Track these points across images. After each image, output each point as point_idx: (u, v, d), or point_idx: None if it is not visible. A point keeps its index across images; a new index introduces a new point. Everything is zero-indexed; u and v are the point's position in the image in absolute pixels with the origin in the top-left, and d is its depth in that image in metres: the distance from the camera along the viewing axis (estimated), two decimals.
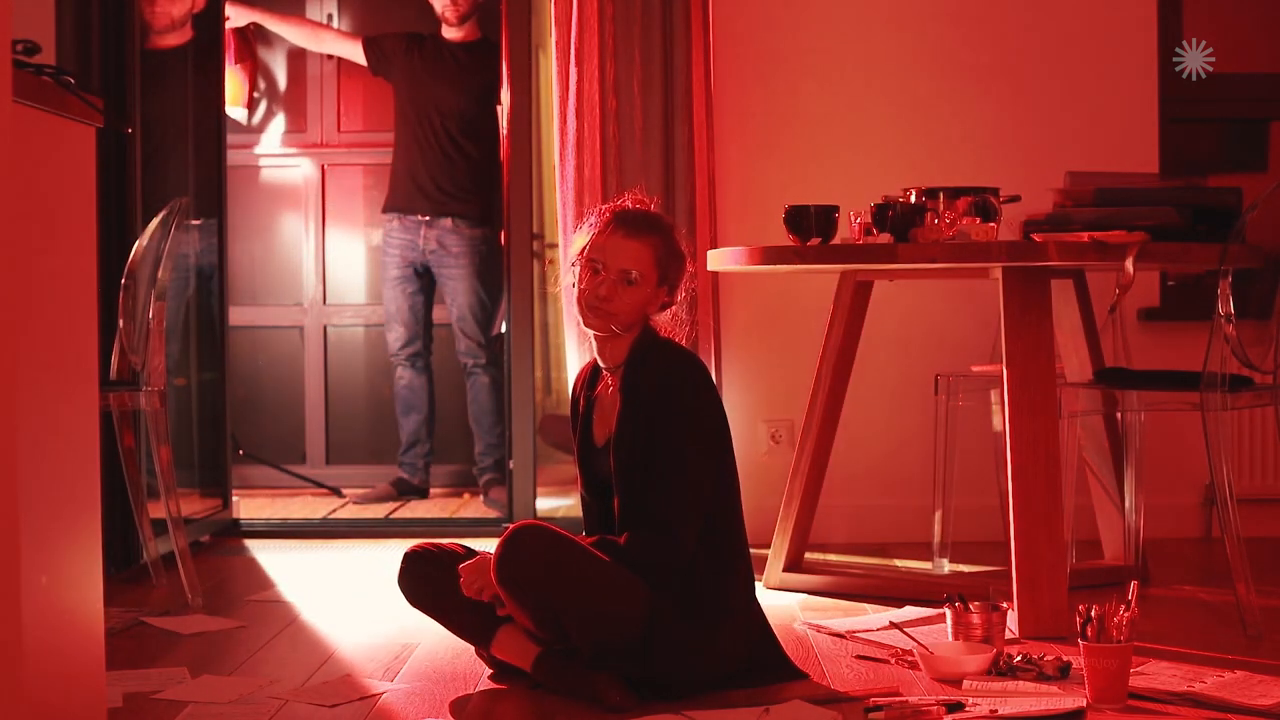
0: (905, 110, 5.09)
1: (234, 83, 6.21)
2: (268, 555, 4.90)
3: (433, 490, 6.21)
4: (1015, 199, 4.07)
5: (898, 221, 3.85)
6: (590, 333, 3.20)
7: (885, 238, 3.85)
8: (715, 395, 3.21)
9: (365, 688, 3.17)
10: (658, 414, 3.11)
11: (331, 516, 5.73)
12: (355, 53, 6.10)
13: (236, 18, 6.15)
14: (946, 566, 4.48)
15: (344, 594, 4.23)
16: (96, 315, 2.59)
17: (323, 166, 6.75)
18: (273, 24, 6.26)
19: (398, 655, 3.46)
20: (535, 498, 5.23)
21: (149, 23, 5.30)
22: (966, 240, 3.76)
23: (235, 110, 6.34)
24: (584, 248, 3.19)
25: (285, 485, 6.40)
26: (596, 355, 3.25)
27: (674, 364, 3.17)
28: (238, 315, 6.33)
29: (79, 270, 2.52)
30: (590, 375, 3.33)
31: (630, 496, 3.12)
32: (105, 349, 4.17)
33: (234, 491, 5.46)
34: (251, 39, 6.46)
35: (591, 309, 3.15)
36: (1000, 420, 4.28)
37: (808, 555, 4.45)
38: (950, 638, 3.35)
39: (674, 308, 3.25)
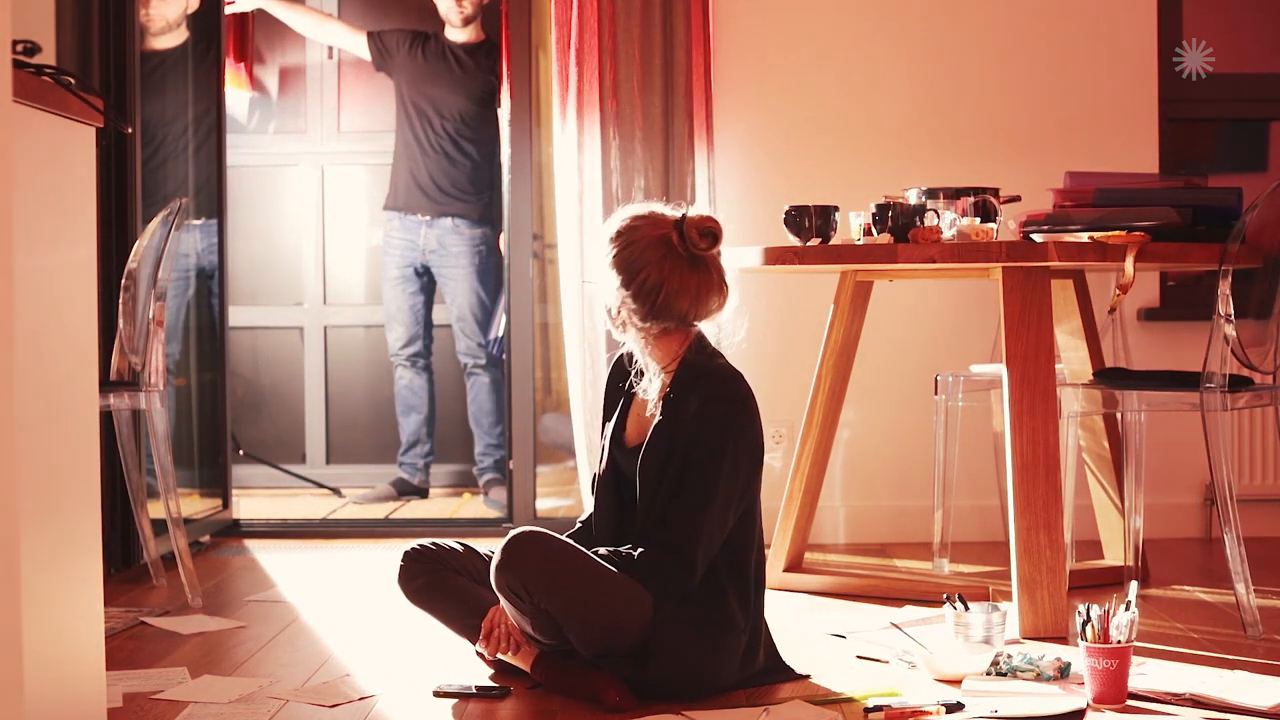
0: (906, 111, 5.09)
1: (235, 75, 6.20)
2: (268, 555, 4.90)
3: (433, 490, 6.21)
4: (1015, 199, 4.07)
5: (898, 221, 3.85)
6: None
7: (885, 238, 3.85)
8: (757, 423, 3.14)
9: (365, 688, 3.17)
10: (695, 436, 3.07)
11: (331, 516, 5.73)
12: (359, 45, 6.09)
13: (241, 3, 6.12)
14: (946, 567, 4.48)
15: (344, 594, 4.23)
16: (96, 315, 2.59)
17: (323, 167, 6.76)
18: (278, 9, 6.22)
19: (398, 655, 3.45)
20: (535, 498, 5.23)
21: (144, 25, 5.30)
22: (966, 240, 3.76)
23: (239, 94, 6.31)
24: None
25: (285, 485, 6.40)
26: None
27: (720, 391, 3.10)
28: (238, 315, 6.33)
29: (79, 270, 2.52)
30: (624, 363, 3.27)
31: (651, 508, 3.09)
32: (105, 349, 4.17)
33: (234, 491, 5.45)
34: (251, 44, 6.44)
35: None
36: (1000, 420, 4.28)
37: (808, 556, 4.46)
38: (950, 638, 3.35)
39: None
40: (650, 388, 3.17)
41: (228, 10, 5.76)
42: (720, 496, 3.04)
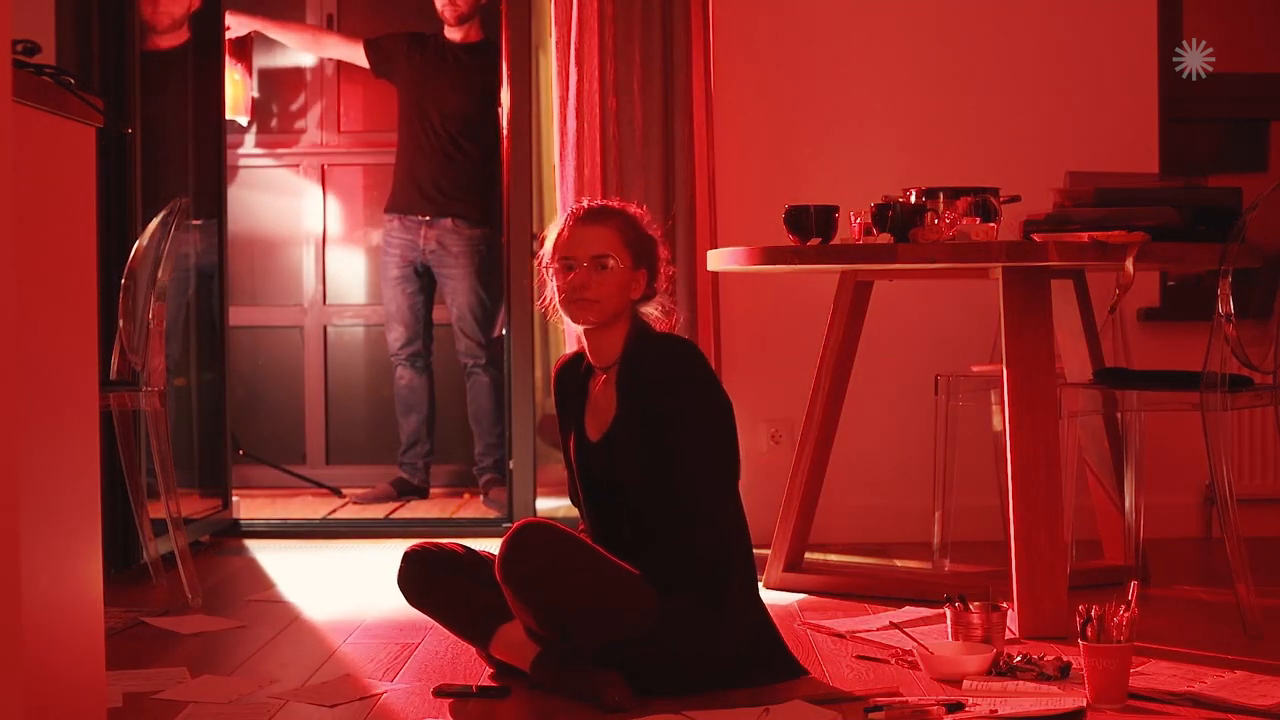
0: (905, 110, 5.09)
1: (235, 87, 6.21)
2: (268, 555, 4.90)
3: (433, 490, 6.21)
4: (1015, 199, 4.07)
5: (898, 221, 3.85)
6: (580, 330, 3.22)
7: (885, 238, 3.85)
8: (716, 381, 3.19)
9: (365, 688, 3.17)
10: (660, 408, 3.10)
11: (331, 516, 5.73)
12: (357, 55, 6.10)
13: (237, 27, 6.14)
14: (947, 566, 4.48)
15: (344, 594, 4.23)
16: (96, 315, 2.59)
17: (323, 166, 6.76)
18: (273, 32, 6.26)
19: (398, 655, 3.46)
20: (535, 498, 5.23)
21: (149, 23, 5.30)
22: (966, 240, 3.76)
23: (237, 117, 6.33)
24: (552, 252, 3.23)
25: (285, 485, 6.40)
26: (589, 355, 3.25)
27: (672, 355, 3.15)
28: (238, 315, 6.33)
29: (79, 270, 2.52)
30: (570, 368, 3.32)
31: (645, 496, 3.12)
32: (105, 349, 4.17)
33: (234, 491, 5.45)
34: (250, 46, 6.44)
35: (573, 303, 3.17)
36: (1000, 420, 4.28)
37: (808, 555, 4.45)
38: (950, 638, 3.35)
39: (660, 297, 3.26)
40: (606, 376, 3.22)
41: (226, 36, 5.78)
42: (712, 458, 3.11)
